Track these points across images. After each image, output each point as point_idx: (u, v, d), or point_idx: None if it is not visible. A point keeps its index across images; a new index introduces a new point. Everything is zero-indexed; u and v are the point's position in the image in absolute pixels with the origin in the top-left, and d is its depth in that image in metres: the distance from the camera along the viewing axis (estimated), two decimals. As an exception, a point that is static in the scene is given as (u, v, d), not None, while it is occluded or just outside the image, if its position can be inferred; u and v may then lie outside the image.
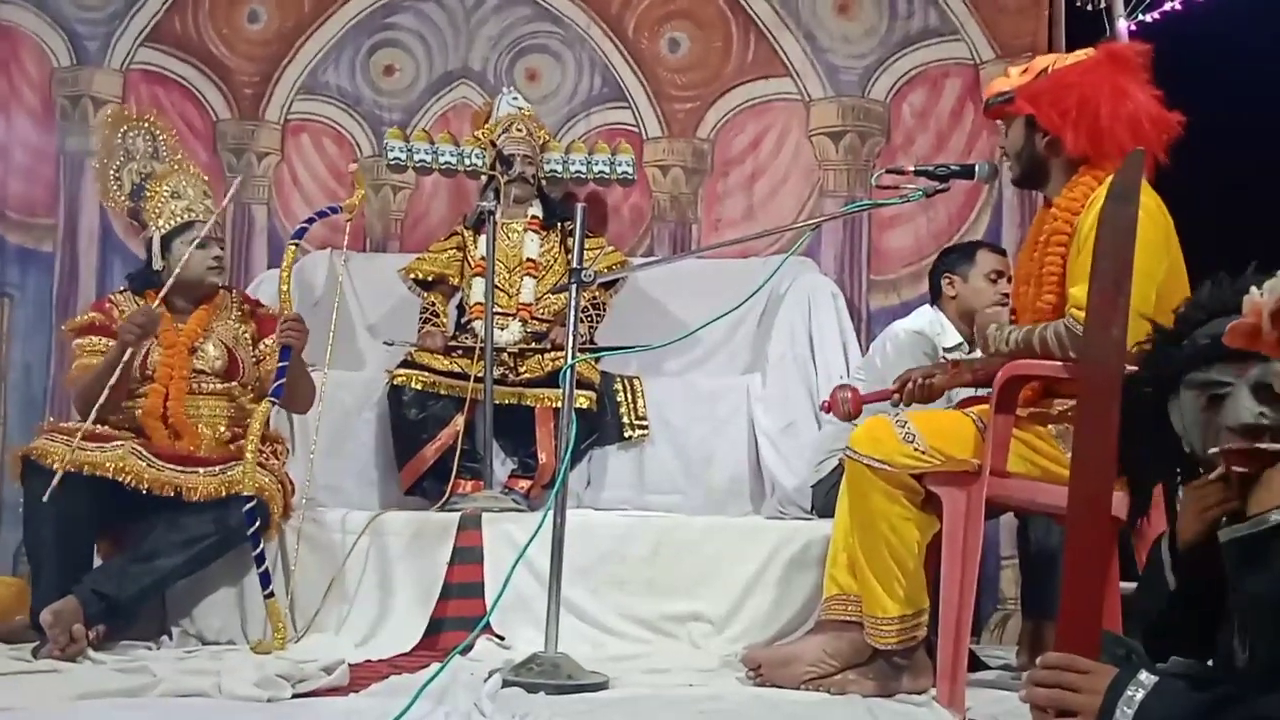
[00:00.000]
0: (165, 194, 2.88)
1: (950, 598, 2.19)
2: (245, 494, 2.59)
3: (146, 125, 2.97)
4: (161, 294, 2.74)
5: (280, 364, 2.74)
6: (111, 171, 2.93)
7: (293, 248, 2.88)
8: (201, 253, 2.84)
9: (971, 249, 3.15)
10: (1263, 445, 1.33)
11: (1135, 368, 1.52)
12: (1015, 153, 2.33)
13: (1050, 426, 2.22)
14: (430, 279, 3.56)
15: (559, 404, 3.20)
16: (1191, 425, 1.44)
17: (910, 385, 2.34)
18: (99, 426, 2.64)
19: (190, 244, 2.81)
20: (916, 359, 2.81)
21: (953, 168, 2.48)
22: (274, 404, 2.76)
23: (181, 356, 2.79)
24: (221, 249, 2.94)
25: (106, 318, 2.84)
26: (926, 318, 3.06)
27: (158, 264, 2.86)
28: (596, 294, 3.45)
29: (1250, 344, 1.27)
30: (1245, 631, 1.36)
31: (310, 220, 3.06)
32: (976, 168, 2.49)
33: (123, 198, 2.93)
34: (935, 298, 3.13)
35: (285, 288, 2.82)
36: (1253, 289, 1.25)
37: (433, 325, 3.47)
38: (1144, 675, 1.20)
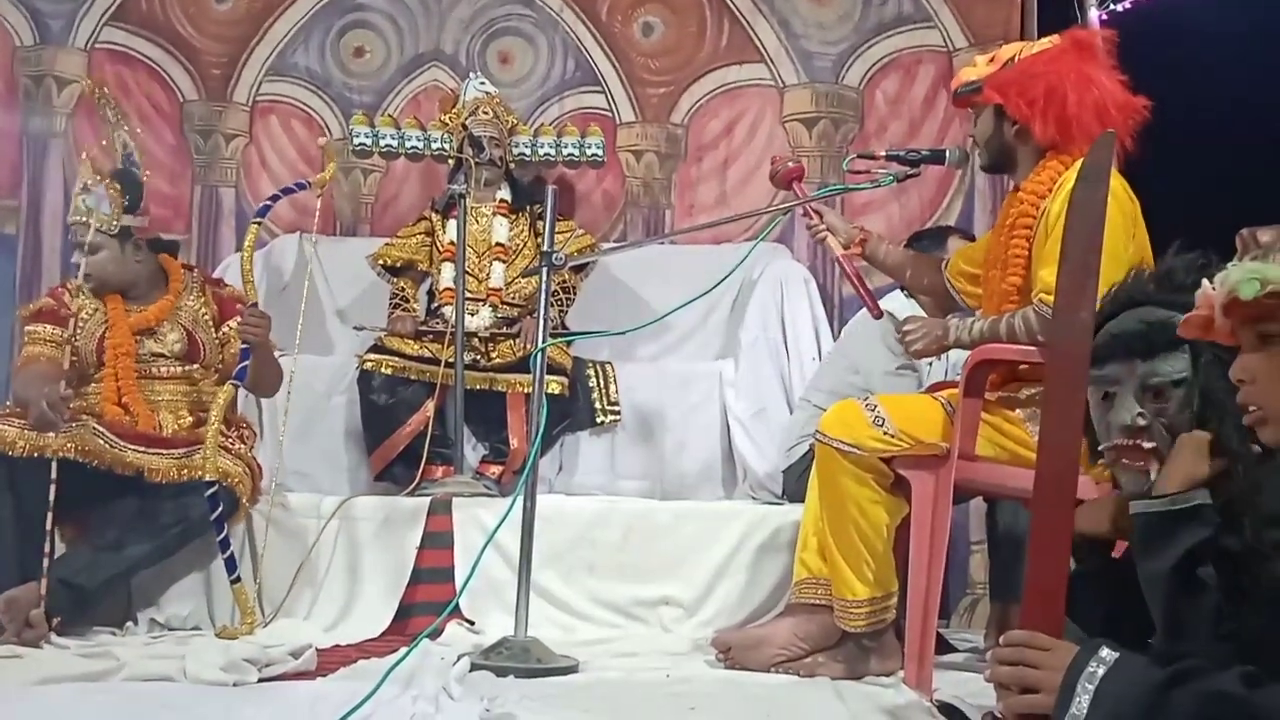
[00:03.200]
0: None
1: (918, 580, 2.20)
2: (207, 479, 2.55)
3: (105, 97, 2.91)
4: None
5: (243, 348, 2.70)
6: (115, 136, 2.87)
7: (255, 227, 2.81)
8: (76, 256, 2.78)
9: (941, 234, 3.15)
10: (1144, 444, 1.41)
11: None
12: (984, 141, 2.34)
13: (1019, 411, 2.23)
14: (399, 265, 3.53)
15: (531, 389, 3.18)
16: (1094, 420, 1.49)
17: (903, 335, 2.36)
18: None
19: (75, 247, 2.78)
20: (887, 343, 2.82)
21: (924, 153, 2.50)
22: (237, 387, 2.72)
23: (126, 340, 2.75)
24: (88, 254, 2.74)
25: (59, 304, 2.80)
26: (898, 301, 3.06)
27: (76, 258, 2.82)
28: (566, 277, 3.44)
29: (1204, 334, 1.30)
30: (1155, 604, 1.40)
31: (275, 197, 2.99)
32: (947, 153, 2.51)
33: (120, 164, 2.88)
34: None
35: (248, 267, 2.77)
36: (1205, 282, 1.27)
37: (403, 310, 3.45)
38: (1105, 651, 1.21)
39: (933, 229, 3.33)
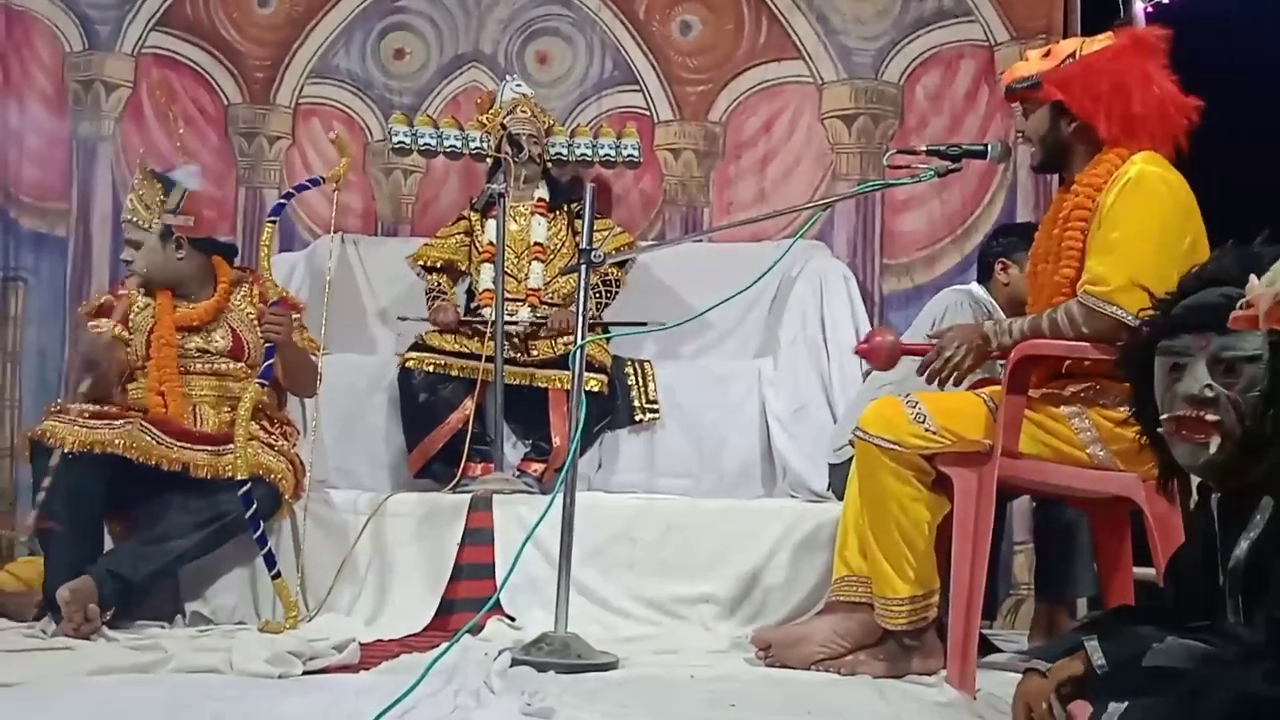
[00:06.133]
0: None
1: (961, 579, 2.18)
2: (240, 477, 2.59)
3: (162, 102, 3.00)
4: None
5: (268, 346, 2.74)
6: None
7: (271, 225, 2.86)
8: (126, 254, 2.88)
9: (1031, 234, 3.06)
10: (1208, 416, 1.38)
11: None
12: (1039, 137, 2.30)
13: (1063, 408, 2.20)
14: (438, 265, 3.55)
15: (571, 386, 3.19)
16: (1160, 390, 1.47)
17: (939, 365, 2.22)
18: (105, 406, 2.67)
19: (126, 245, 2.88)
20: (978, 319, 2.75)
21: (965, 147, 2.46)
22: (263, 386, 2.76)
23: (169, 333, 2.81)
24: (132, 249, 2.86)
25: (117, 300, 2.86)
26: (979, 293, 3.01)
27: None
28: (609, 271, 3.44)
29: (1254, 326, 1.28)
30: (1235, 595, 1.38)
31: (288, 195, 3.07)
32: (989, 147, 2.47)
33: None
34: (984, 278, 3.06)
35: (266, 266, 2.82)
36: (1252, 278, 1.26)
37: (442, 301, 3.47)
38: (1111, 707, 1.22)
39: (1022, 225, 3.21)
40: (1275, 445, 1.35)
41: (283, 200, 3.03)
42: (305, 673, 2.08)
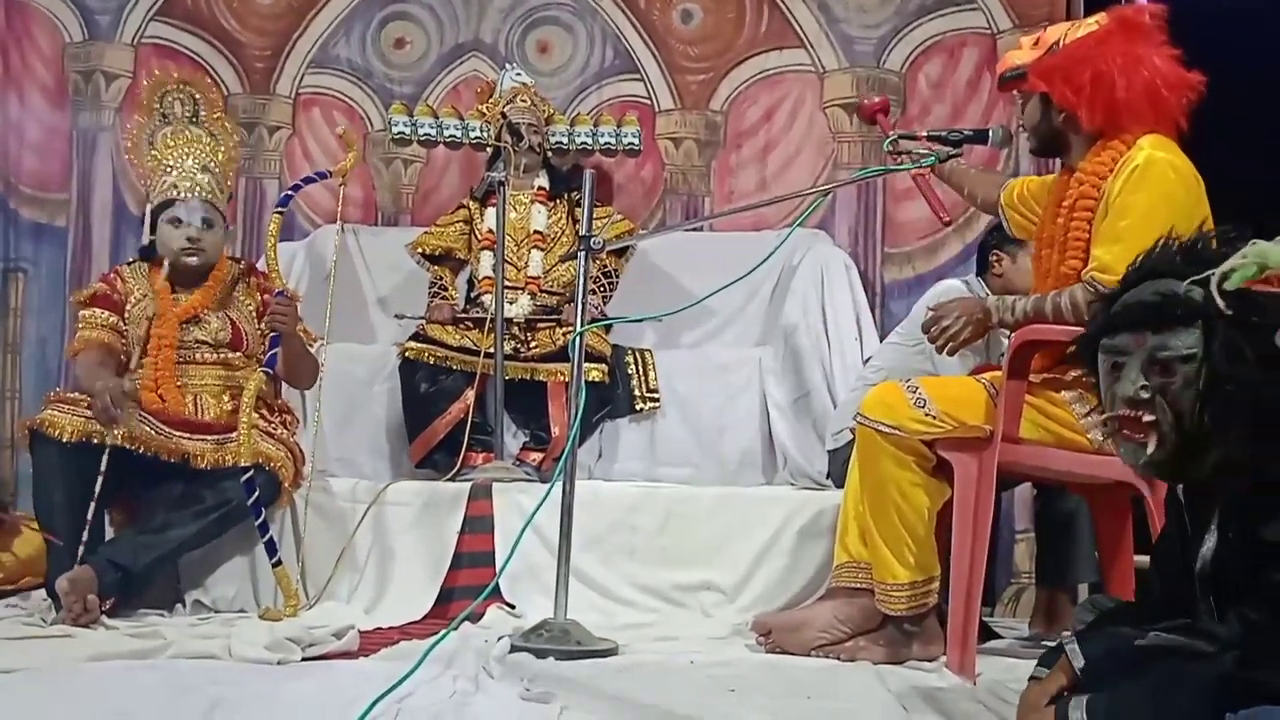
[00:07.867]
0: (166, 164, 2.87)
1: (961, 564, 2.17)
2: (243, 464, 2.58)
3: (188, 89, 2.96)
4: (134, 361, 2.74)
5: (272, 335, 2.74)
6: (145, 135, 2.93)
7: (278, 216, 2.85)
8: (176, 232, 2.81)
9: None
10: (1144, 417, 1.37)
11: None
12: (1032, 127, 2.29)
13: (1064, 393, 2.19)
14: (438, 254, 3.55)
15: (570, 378, 3.18)
16: (1103, 389, 1.46)
17: (935, 332, 2.22)
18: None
19: (168, 223, 2.81)
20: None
21: (966, 132, 2.47)
22: (268, 374, 2.75)
23: (171, 331, 2.79)
24: (204, 228, 2.82)
25: (111, 289, 2.86)
26: (974, 284, 3.03)
27: (146, 238, 2.86)
28: (607, 262, 3.44)
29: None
30: (1206, 595, 1.38)
31: (296, 186, 3.07)
32: (991, 132, 2.48)
33: (149, 162, 2.92)
34: (981, 270, 3.07)
35: (273, 256, 2.81)
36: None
37: (441, 299, 3.47)
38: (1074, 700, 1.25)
39: None
40: (1215, 444, 1.33)
41: (289, 193, 3.04)
42: (305, 659, 2.08)
